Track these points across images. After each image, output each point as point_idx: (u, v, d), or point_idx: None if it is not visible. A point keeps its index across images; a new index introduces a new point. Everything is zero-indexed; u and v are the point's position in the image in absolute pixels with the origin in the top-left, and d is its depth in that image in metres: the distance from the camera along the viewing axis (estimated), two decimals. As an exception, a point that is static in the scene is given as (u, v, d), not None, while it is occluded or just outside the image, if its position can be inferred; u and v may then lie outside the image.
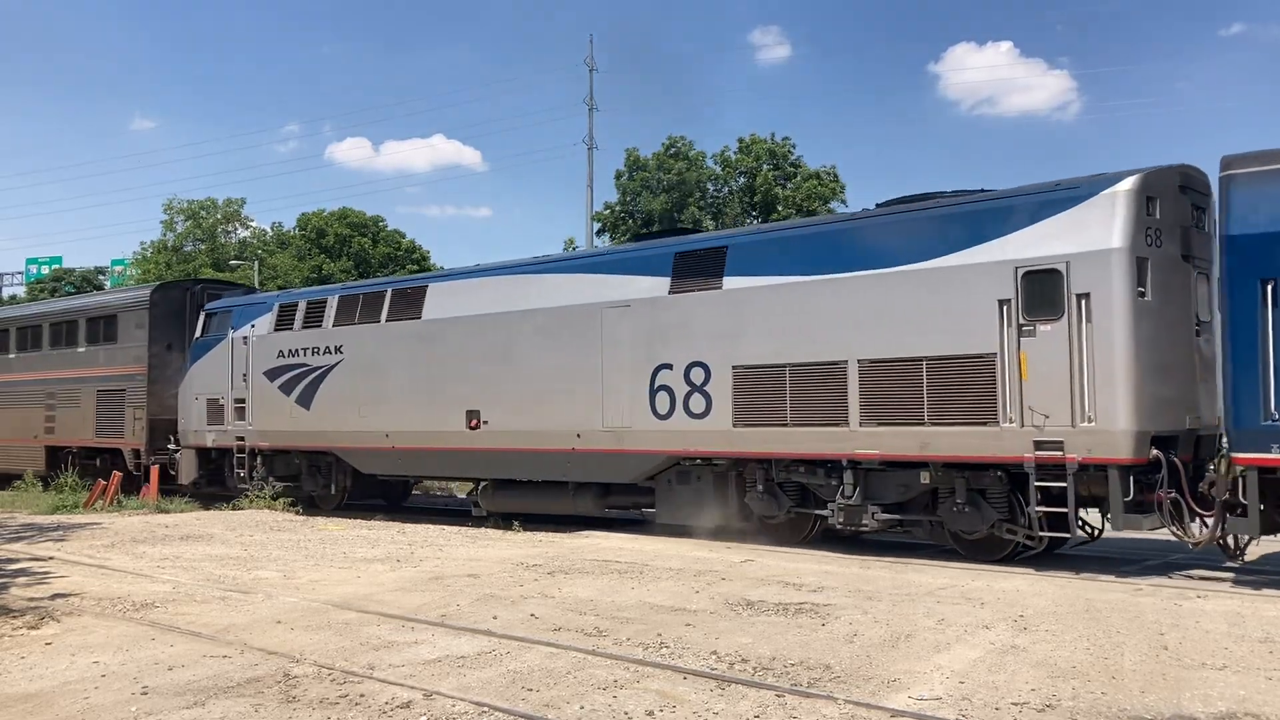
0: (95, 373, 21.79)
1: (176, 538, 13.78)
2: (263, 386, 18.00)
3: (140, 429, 20.51)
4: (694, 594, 9.12)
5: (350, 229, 52.69)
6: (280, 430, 17.76)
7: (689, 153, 42.04)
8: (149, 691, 6.10)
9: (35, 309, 26.33)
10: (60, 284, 61.56)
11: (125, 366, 21.03)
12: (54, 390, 22.84)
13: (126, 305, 21.77)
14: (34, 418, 23.30)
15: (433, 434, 15.62)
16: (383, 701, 5.82)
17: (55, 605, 8.88)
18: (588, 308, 14.04)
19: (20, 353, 24.52)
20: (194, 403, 19.30)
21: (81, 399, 22.05)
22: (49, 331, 23.61)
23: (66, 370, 22.65)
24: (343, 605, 8.75)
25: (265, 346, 18.13)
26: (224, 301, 20.00)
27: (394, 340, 16.29)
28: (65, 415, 22.58)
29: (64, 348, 22.94)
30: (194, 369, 19.44)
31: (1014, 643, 7.08)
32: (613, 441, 13.59)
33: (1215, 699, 5.72)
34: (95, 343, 22.11)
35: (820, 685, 6.05)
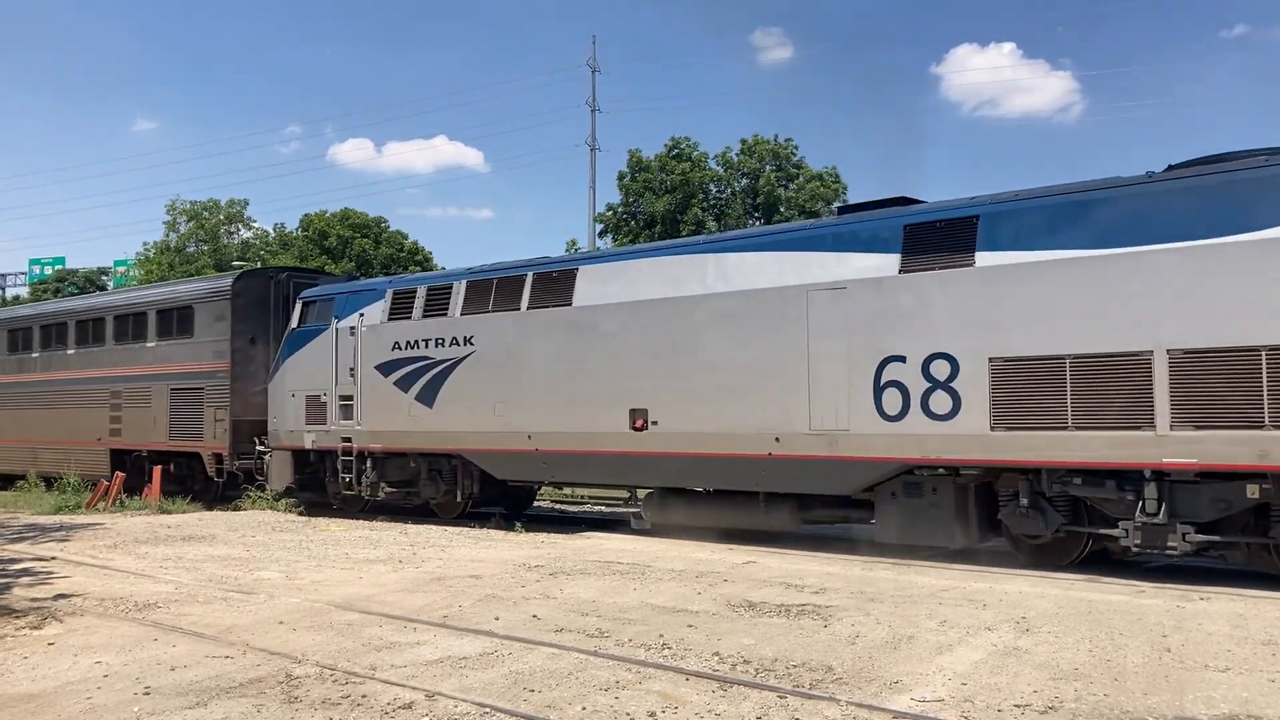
0: (168, 369, 19.88)
1: (179, 538, 13.80)
2: (375, 382, 16.14)
3: (222, 431, 18.51)
4: (696, 595, 9.12)
5: (352, 230, 52.68)
6: (396, 430, 15.89)
7: (692, 154, 42.03)
8: (151, 692, 6.10)
9: (97, 300, 24.31)
10: (63, 284, 61.63)
11: (203, 362, 19.10)
12: (119, 389, 20.90)
13: (204, 296, 19.73)
14: (96, 419, 21.29)
15: (586, 435, 13.79)
16: (385, 702, 5.82)
17: (58, 605, 8.89)
18: (787, 291, 12.08)
19: (80, 348, 22.40)
20: (289, 400, 17.31)
21: (152, 398, 20.09)
22: (113, 325, 21.57)
23: (134, 367, 20.76)
24: (345, 606, 8.75)
25: (377, 338, 16.24)
26: (325, 288, 17.92)
27: (537, 330, 14.44)
28: (133, 416, 20.58)
29: (131, 342, 20.97)
30: (289, 363, 17.47)
31: (1016, 644, 7.08)
32: (823, 447, 11.70)
33: (1218, 701, 5.71)
34: (167, 336, 20.21)
35: (822, 686, 6.05)
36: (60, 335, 22.95)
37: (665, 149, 42.32)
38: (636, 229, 40.83)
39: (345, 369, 16.58)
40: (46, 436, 22.74)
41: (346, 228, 52.72)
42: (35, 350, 23.66)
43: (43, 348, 23.41)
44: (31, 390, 23.40)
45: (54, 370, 22.82)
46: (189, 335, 19.64)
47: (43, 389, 23.06)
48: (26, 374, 23.69)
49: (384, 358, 16.14)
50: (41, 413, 22.97)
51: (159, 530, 14.75)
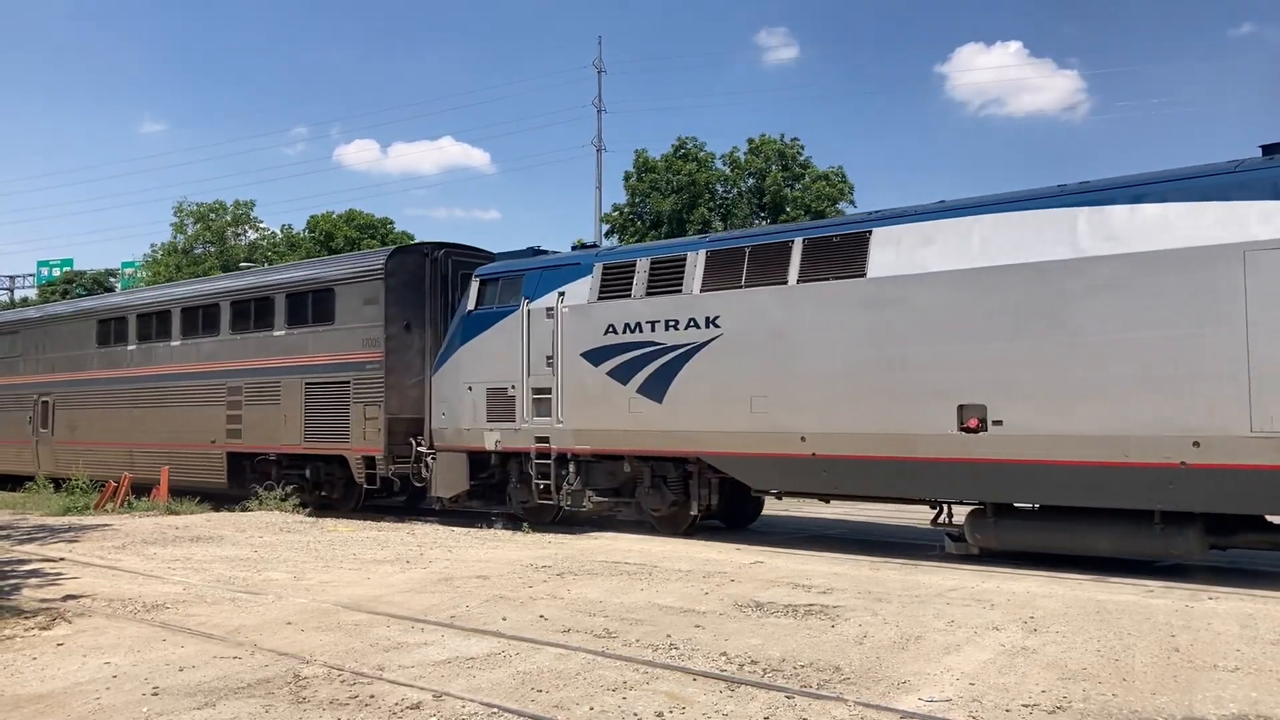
0: (302, 361, 17.63)
1: (187, 539, 13.83)
2: (581, 372, 13.86)
3: (375, 431, 16.26)
4: (703, 595, 9.12)
5: (359, 231, 52.81)
6: (610, 429, 13.62)
7: (699, 154, 42.03)
8: (160, 692, 6.12)
9: (209, 285, 21.44)
10: (71, 286, 61.83)
11: (349, 352, 16.79)
12: (238, 384, 18.67)
13: (350, 276, 17.34)
14: (210, 418, 19.13)
15: (890, 438, 11.25)
16: (393, 702, 5.83)
17: (67, 606, 8.92)
18: (1210, 251, 9.59)
19: (188, 338, 20.12)
20: (463, 394, 15.18)
21: (282, 394, 17.82)
22: (230, 312, 19.24)
23: (258, 359, 18.44)
24: (352, 606, 8.77)
25: (583, 320, 13.94)
26: (510, 264, 15.58)
27: (814, 307, 11.92)
28: (257, 415, 18.35)
29: (253, 331, 18.70)
30: (463, 351, 15.27)
31: (1024, 644, 7.06)
32: (1272, 454, 9.22)
33: (1227, 701, 5.69)
34: (300, 324, 17.88)
35: (830, 687, 6.04)
36: (162, 325, 20.69)
37: (672, 149, 42.35)
38: (643, 229, 40.87)
39: (540, 357, 14.34)
40: (147, 439, 20.56)
41: (353, 229, 52.86)
42: (131, 342, 21.36)
43: (140, 339, 21.13)
44: (127, 388, 21.23)
45: (155, 364, 20.61)
46: (328, 322, 17.36)
47: (141, 386, 20.85)
48: (120, 369, 21.49)
49: (593, 343, 13.83)
50: (140, 413, 20.78)
51: (167, 531, 14.78)
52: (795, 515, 16.65)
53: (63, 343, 23.37)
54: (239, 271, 20.13)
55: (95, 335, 22.33)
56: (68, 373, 22.92)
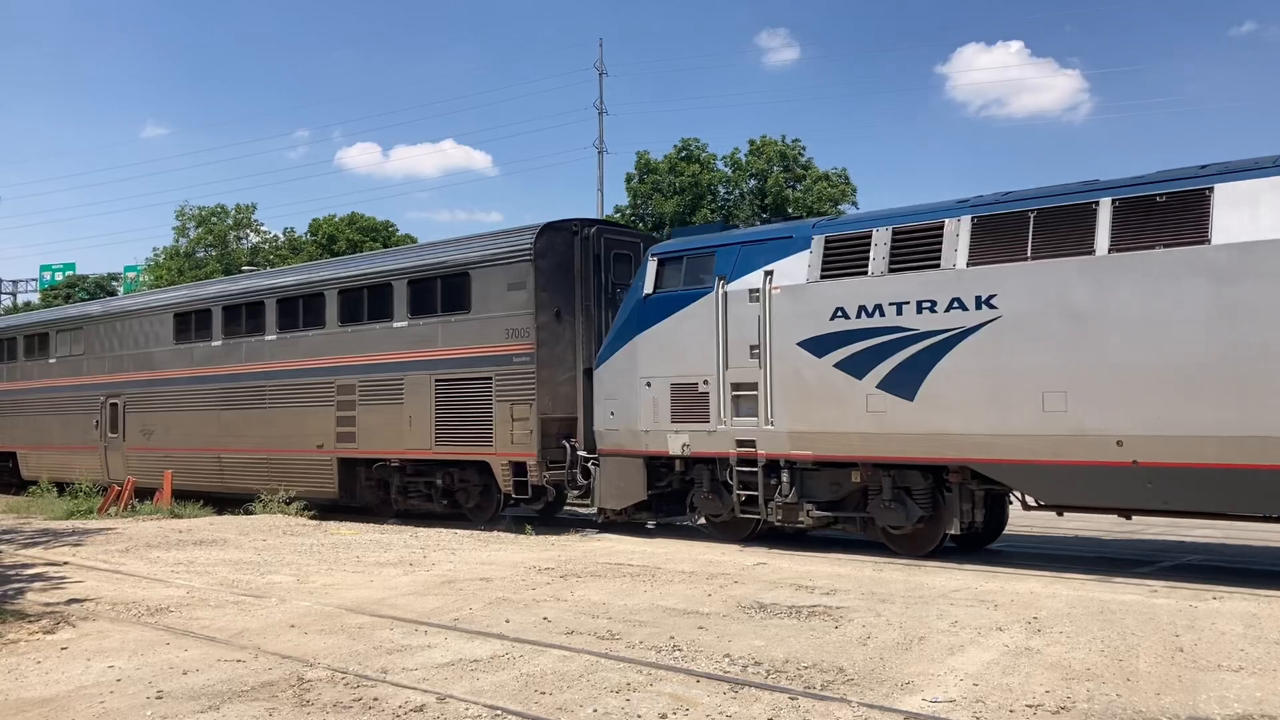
0: (431, 354, 15.77)
1: (190, 542, 13.83)
2: (798, 364, 11.86)
3: (526, 433, 14.43)
4: (706, 597, 9.11)
5: (361, 234, 52.89)
6: (839, 432, 11.58)
7: (701, 155, 42.08)
8: (164, 696, 6.12)
9: (312, 272, 19.09)
10: (74, 290, 61.93)
11: (491, 344, 14.94)
12: (350, 382, 16.76)
13: (492, 258, 15.30)
14: (315, 421, 17.27)
15: (1245, 442, 9.27)
16: (396, 705, 5.83)
17: (70, 610, 8.92)
18: None
19: (286, 332, 18.14)
20: (639, 390, 13.30)
21: (406, 393, 15.95)
22: (338, 301, 17.33)
23: (374, 354, 16.56)
24: (356, 609, 8.77)
25: (801, 303, 11.93)
26: (696, 239, 13.62)
27: (1133, 283, 9.88)
28: (374, 416, 16.48)
29: (367, 323, 16.81)
30: (639, 340, 13.35)
31: (1028, 645, 7.05)
32: None
33: (1231, 701, 5.68)
34: (426, 313, 15.99)
35: (834, 688, 6.04)
36: (254, 317, 18.77)
37: (675, 150, 42.41)
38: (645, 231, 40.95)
39: (742, 347, 12.41)
40: (239, 444, 18.74)
41: (355, 231, 52.94)
42: (216, 337, 19.45)
43: (227, 334, 19.26)
44: (214, 388, 19.36)
45: (247, 361, 18.69)
46: (463, 310, 15.46)
47: (232, 386, 18.99)
48: (204, 367, 19.62)
49: (814, 330, 11.82)
50: (231, 415, 18.92)
51: (170, 535, 14.79)
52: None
53: (134, 339, 21.53)
54: (345, 258, 18.34)
55: (173, 330, 20.50)
56: (141, 371, 21.14)
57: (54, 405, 23.43)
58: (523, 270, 14.78)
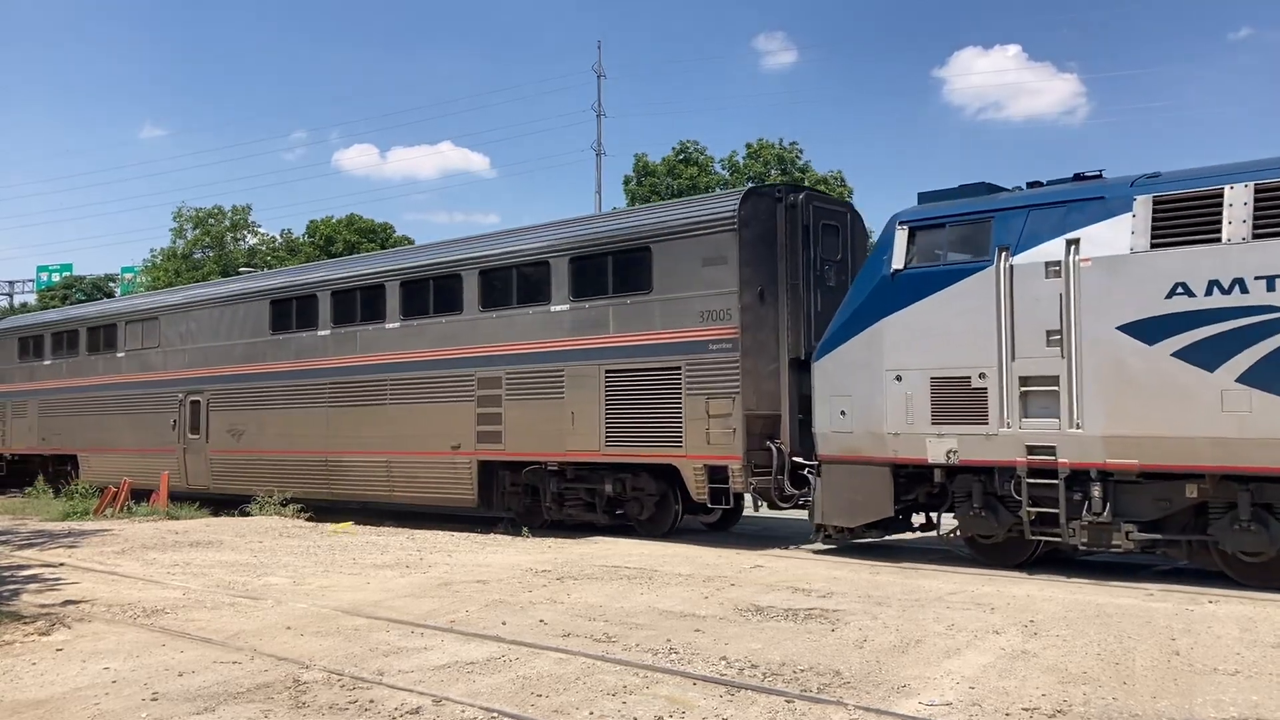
0: (600, 342, 13.83)
1: (187, 544, 13.82)
2: (1120, 353, 9.93)
3: (727, 432, 12.49)
4: (703, 599, 9.11)
5: (359, 235, 52.91)
6: (1181, 436, 9.61)
7: (699, 157, 42.15)
8: (159, 697, 6.11)
9: (449, 252, 16.64)
10: (71, 291, 61.88)
11: (679, 329, 13.08)
12: (495, 374, 14.92)
13: (682, 229, 13.37)
14: (451, 419, 15.40)
15: None
16: (392, 707, 5.82)
17: (66, 611, 8.91)
18: None
19: (412, 319, 16.23)
20: (887, 385, 11.22)
21: (567, 386, 14.11)
22: (479, 283, 15.41)
23: (526, 342, 14.62)
24: (352, 611, 8.76)
25: (1123, 278, 9.98)
26: (960, 205, 11.37)
27: None
28: (527, 413, 14.56)
29: (518, 306, 14.93)
30: (885, 325, 11.30)
31: (1024, 648, 7.06)
32: None
33: (1227, 705, 5.69)
34: (593, 294, 14.04)
35: (830, 691, 6.04)
36: (372, 303, 16.83)
37: (673, 152, 42.47)
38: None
39: (1034, 332, 10.44)
40: (353, 446, 16.84)
41: (353, 233, 52.95)
42: (323, 326, 17.49)
43: (337, 322, 17.33)
44: (321, 383, 17.41)
45: (363, 353, 16.81)
46: (642, 290, 13.56)
47: (344, 380, 17.05)
48: (309, 359, 17.68)
49: (1143, 311, 9.92)
50: (342, 413, 17.03)
51: (167, 536, 14.77)
52: None
53: (221, 330, 19.64)
54: (488, 234, 16.12)
55: (270, 319, 18.49)
56: (229, 365, 19.25)
57: (122, 404, 21.65)
58: (723, 242, 12.84)
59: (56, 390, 23.61)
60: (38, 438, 24.06)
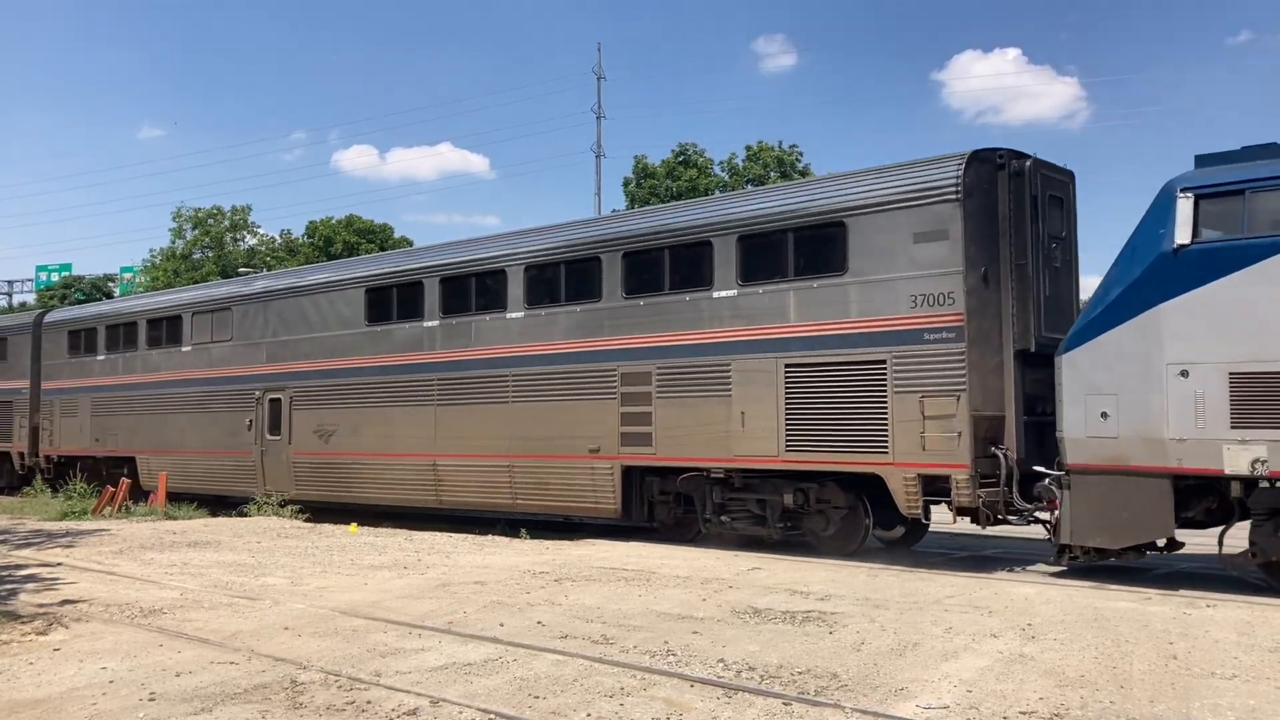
0: (779, 332, 12.19)
1: (184, 544, 13.81)
2: None
3: (947, 436, 11.00)
4: (701, 601, 9.11)
5: (358, 236, 52.95)
6: None
7: (699, 159, 42.20)
8: (156, 698, 6.11)
9: (584, 231, 15.00)
10: (70, 291, 61.87)
11: (885, 316, 11.46)
12: (643, 369, 13.29)
13: (886, 199, 11.68)
14: (588, 419, 13.87)
15: None
16: (389, 708, 5.82)
17: (63, 611, 8.90)
18: None
19: (538, 307, 14.67)
20: (1170, 382, 9.58)
21: (737, 382, 12.51)
22: (622, 267, 13.79)
23: (684, 332, 13.07)
24: (350, 612, 8.76)
25: None
26: (1261, 168, 9.67)
27: None
28: (683, 413, 12.99)
29: (672, 291, 13.27)
30: (1167, 311, 9.66)
31: (1022, 651, 7.06)
32: None
33: (1225, 709, 5.69)
34: (767, 277, 12.40)
35: (827, 693, 6.04)
36: (489, 290, 15.40)
37: (672, 154, 42.53)
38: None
39: None
40: (468, 449, 15.31)
41: (352, 233, 53.00)
42: (430, 316, 16.08)
43: (447, 311, 15.87)
44: (430, 378, 15.98)
45: (478, 345, 15.37)
46: (833, 271, 11.94)
47: (453, 375, 15.63)
48: (411, 353, 16.23)
49: None
50: (455, 412, 15.56)
51: (165, 536, 14.76)
52: None
53: (305, 321, 18.07)
54: (631, 213, 13.96)
55: (365, 309, 17.01)
56: (315, 360, 17.73)
57: (188, 402, 20.16)
58: (943, 214, 11.24)
59: (112, 387, 22.00)
60: (90, 438, 22.49)
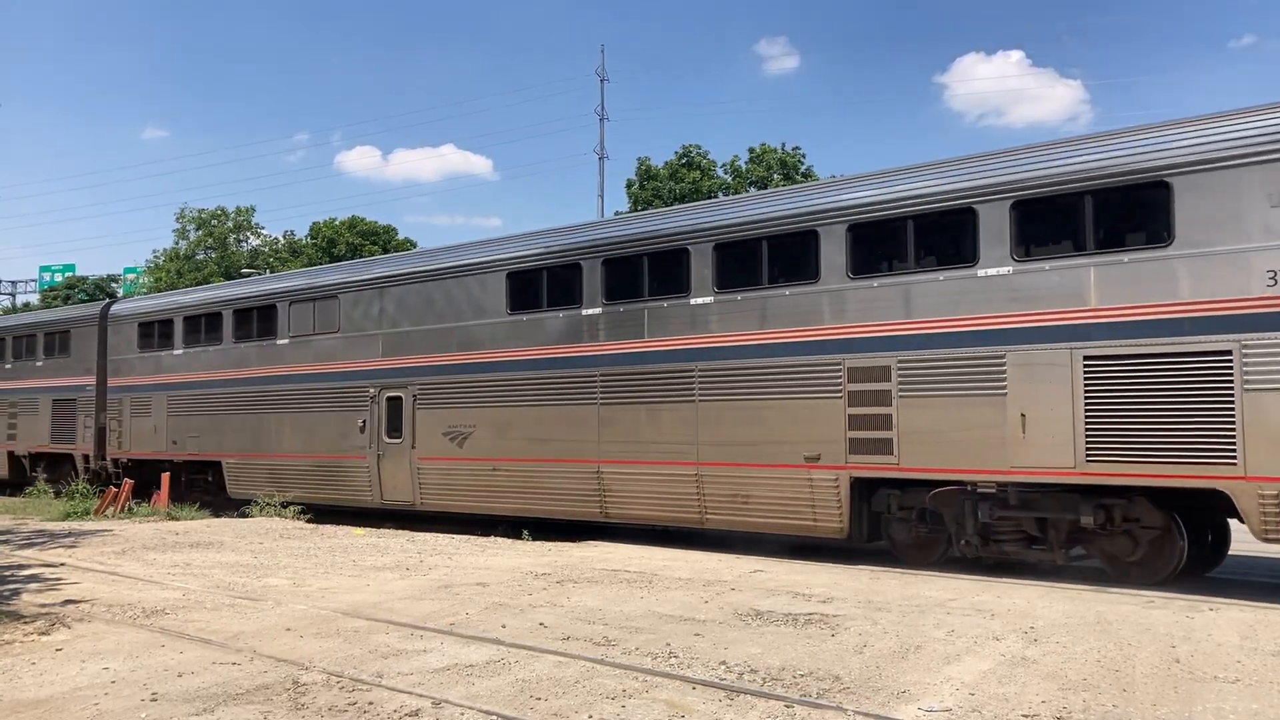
0: (1074, 317, 10.38)
1: (187, 545, 13.82)
2: None
3: None
4: (703, 604, 9.10)
5: (361, 238, 53.01)
6: None
7: (702, 161, 42.23)
8: (158, 698, 6.11)
9: (794, 200, 13.03)
10: (73, 291, 61.97)
11: (1227, 297, 9.66)
12: (881, 362, 11.50)
13: (1228, 154, 9.66)
14: (804, 420, 12.07)
15: None
16: (391, 710, 5.82)
17: (66, 611, 8.91)
18: None
19: (733, 291, 12.83)
20: None
21: (1015, 378, 10.64)
22: (847, 243, 11.89)
23: (936, 318, 11.22)
24: (352, 613, 8.76)
25: None
26: None
27: None
28: (931, 414, 11.16)
29: (918, 270, 11.44)
30: None
31: (1024, 654, 7.05)
32: None
33: (1228, 712, 5.68)
34: (1054, 251, 10.63)
35: (829, 696, 6.03)
36: (666, 271, 13.53)
37: (676, 156, 42.57)
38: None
39: None
40: (639, 454, 13.56)
41: (355, 235, 53.07)
42: (589, 303, 14.26)
43: (611, 296, 14.08)
44: (589, 373, 14.21)
45: (655, 336, 13.47)
46: (1154, 243, 10.07)
47: (622, 371, 13.83)
48: (568, 345, 14.45)
49: None
50: (620, 413, 13.83)
51: (167, 537, 14.78)
52: None
53: (432, 310, 16.37)
54: (853, 178, 12.63)
55: (507, 295, 15.31)
56: (445, 353, 16.06)
57: (285, 401, 18.39)
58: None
59: (193, 384, 20.11)
60: (166, 440, 20.61)
